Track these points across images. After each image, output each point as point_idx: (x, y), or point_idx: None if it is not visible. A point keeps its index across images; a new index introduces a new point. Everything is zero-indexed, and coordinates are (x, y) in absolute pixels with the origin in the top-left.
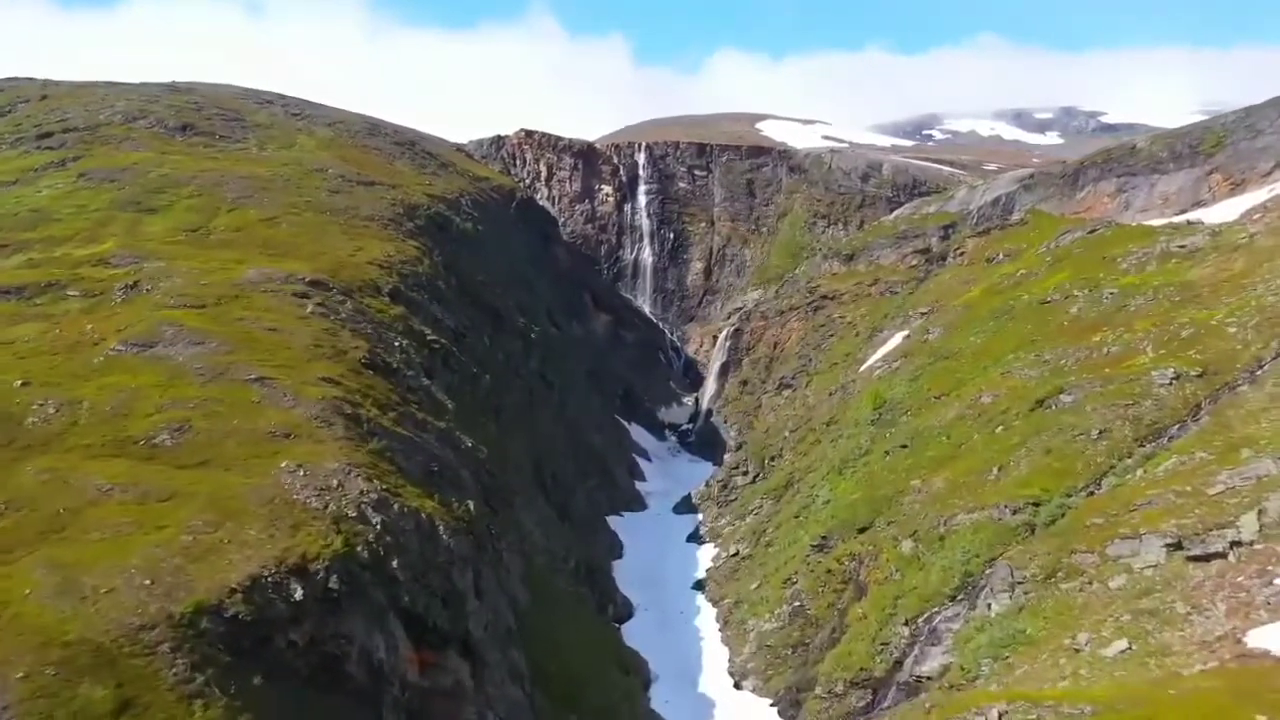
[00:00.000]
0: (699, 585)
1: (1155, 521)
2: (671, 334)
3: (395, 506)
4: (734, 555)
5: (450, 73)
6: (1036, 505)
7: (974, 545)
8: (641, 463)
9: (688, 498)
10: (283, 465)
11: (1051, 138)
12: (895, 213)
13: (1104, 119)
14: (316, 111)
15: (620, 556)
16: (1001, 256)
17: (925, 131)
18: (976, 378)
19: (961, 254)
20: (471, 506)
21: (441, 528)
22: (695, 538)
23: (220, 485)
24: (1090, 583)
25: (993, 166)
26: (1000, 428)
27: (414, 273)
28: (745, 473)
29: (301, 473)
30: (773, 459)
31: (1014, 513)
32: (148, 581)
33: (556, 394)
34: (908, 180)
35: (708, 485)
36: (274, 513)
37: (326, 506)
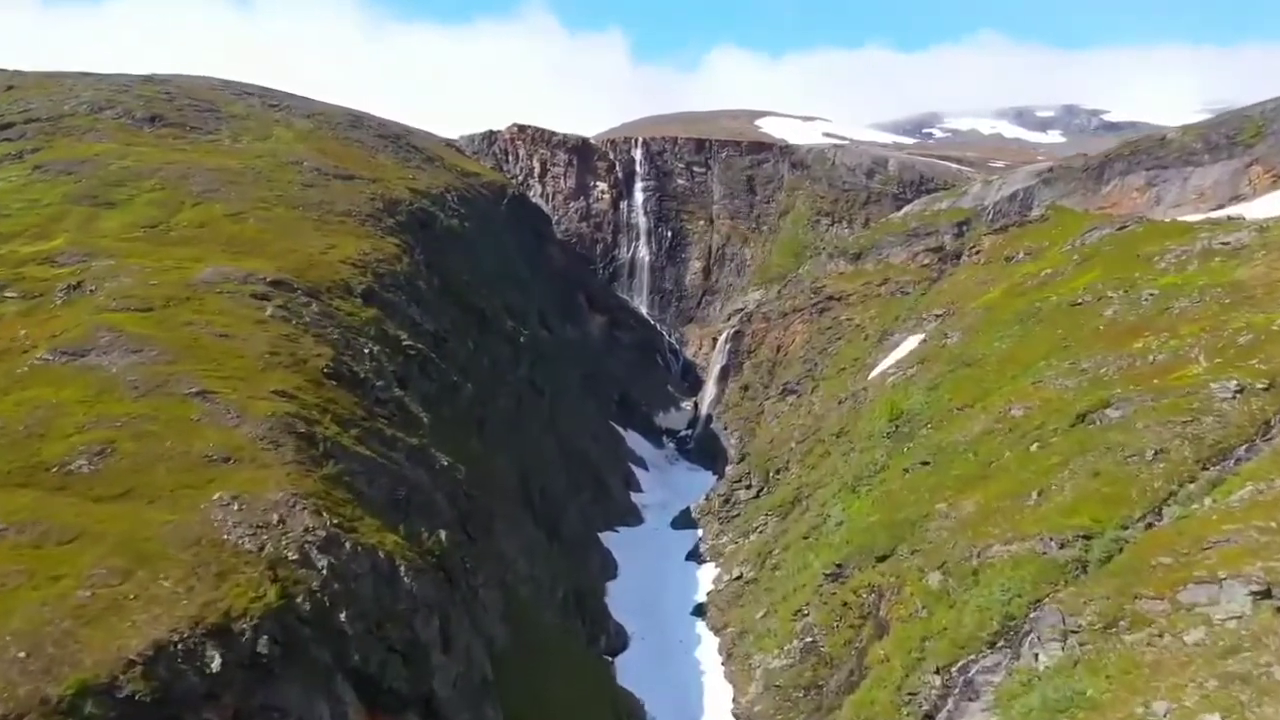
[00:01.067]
0: (699, 610)
1: (1236, 563)
2: (669, 336)
3: (347, 545)
4: (737, 578)
5: (446, 69)
6: (1087, 538)
7: (1014, 583)
8: (638, 472)
9: (686, 512)
10: (215, 497)
11: (1053, 136)
12: (904, 209)
13: (1106, 117)
14: (296, 103)
15: (615, 577)
16: (1022, 255)
17: (926, 130)
18: (1004, 387)
19: (978, 252)
20: (444, 537)
21: (404, 568)
22: (695, 556)
23: (137, 523)
24: (1161, 635)
25: (1001, 164)
26: (1036, 445)
27: (391, 272)
28: (748, 486)
29: (236, 506)
30: (778, 472)
31: (1061, 546)
32: (23, 654)
33: (547, 401)
34: (914, 177)
35: (708, 499)
36: (198, 558)
37: (262, 548)
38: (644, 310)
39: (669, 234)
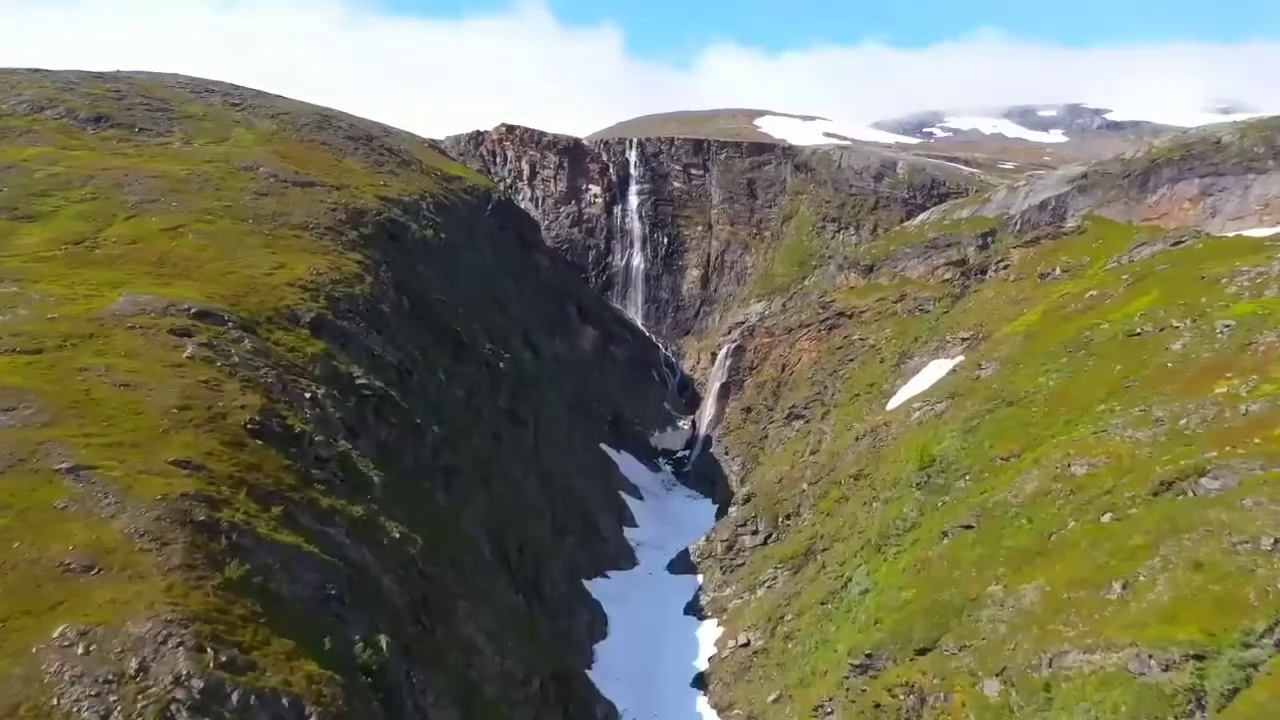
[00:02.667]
0: (700, 681)
1: None
2: (665, 349)
3: (235, 697)
4: (744, 645)
5: (432, 65)
6: (1199, 659)
7: (1102, 709)
8: (631, 503)
9: (685, 553)
10: (57, 634)
11: (1055, 135)
12: (921, 217)
13: (1109, 116)
14: (261, 102)
15: (605, 636)
16: (1059, 272)
17: (926, 129)
18: (1056, 434)
19: (1005, 266)
20: (385, 645)
21: (315, 716)
22: (695, 609)
23: None
24: None
25: (1010, 165)
26: (1109, 516)
27: (349, 295)
28: (754, 532)
29: (83, 648)
30: (788, 517)
31: (1165, 669)
32: None
33: (530, 434)
34: (925, 180)
35: (708, 539)
36: None
37: (108, 716)
38: (638, 321)
39: (665, 240)
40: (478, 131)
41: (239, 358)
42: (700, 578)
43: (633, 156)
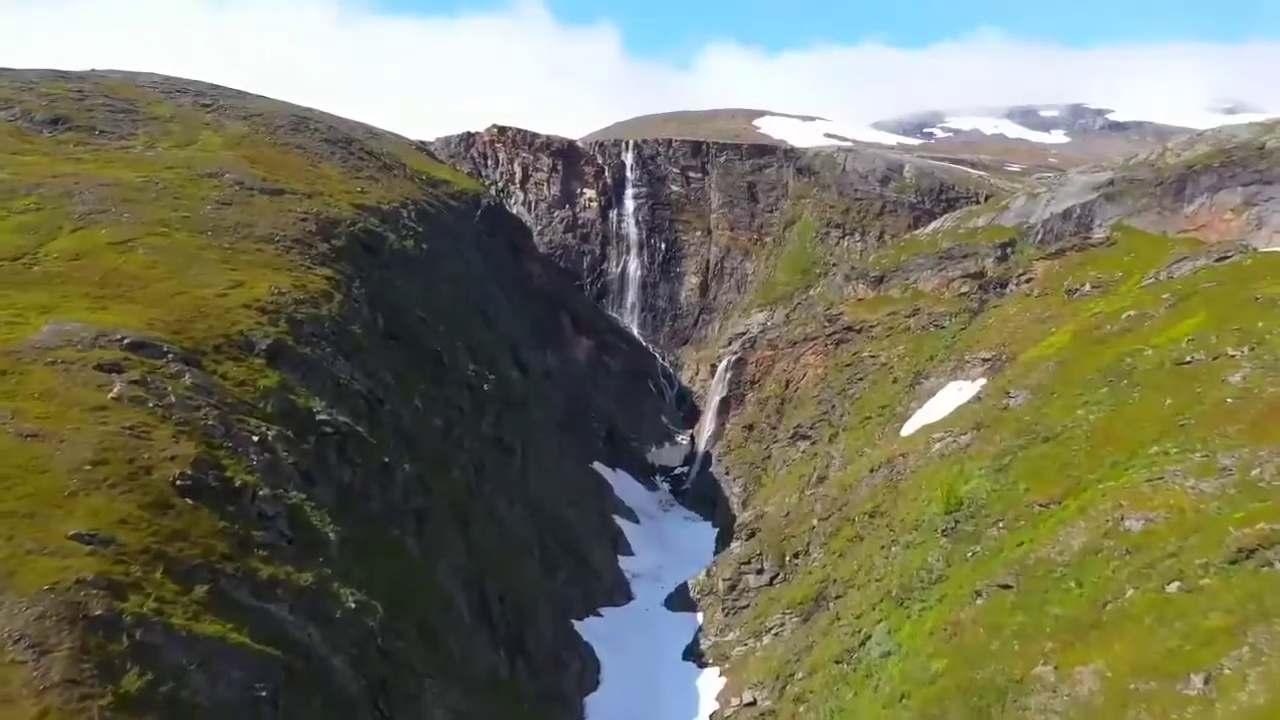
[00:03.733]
0: None
1: None
2: (663, 359)
3: None
4: (749, 704)
5: (427, 64)
6: None
7: None
8: (626, 528)
9: (684, 588)
10: None
11: (1057, 136)
12: (933, 225)
13: (1111, 117)
14: (235, 102)
15: (596, 687)
16: (1088, 288)
17: (927, 130)
18: (1103, 479)
19: (1028, 280)
20: None
21: None
22: (694, 653)
23: None
24: None
25: (1016, 167)
26: (1176, 585)
27: (314, 316)
28: (759, 570)
29: None
30: (796, 556)
31: None
32: None
33: (518, 461)
34: (933, 184)
35: (709, 574)
36: None
37: None
38: (635, 331)
39: (662, 246)
40: (468, 133)
41: (176, 397)
42: (700, 617)
43: (629, 159)
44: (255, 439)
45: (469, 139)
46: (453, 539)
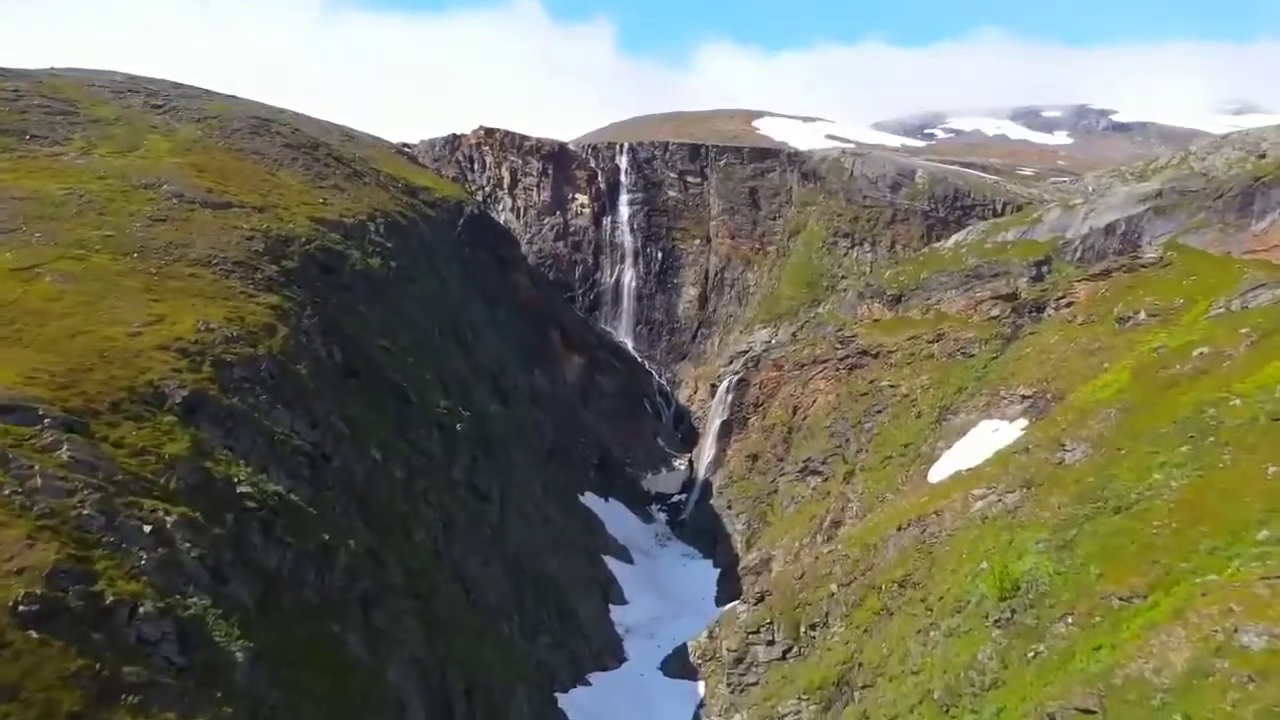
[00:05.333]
0: None
1: None
2: (659, 376)
3: None
4: None
5: (414, 63)
6: None
7: None
8: (619, 570)
9: (683, 651)
10: None
11: (1060, 137)
12: (956, 238)
13: (1115, 118)
14: (191, 103)
15: None
16: (1143, 316)
17: (928, 130)
18: (1200, 570)
19: (1068, 304)
20: None
21: None
22: None
23: None
24: None
25: (1028, 171)
26: None
27: (249, 356)
28: (770, 641)
29: None
30: (813, 627)
31: None
32: None
33: (495, 510)
34: (947, 191)
35: (711, 635)
36: None
37: None
38: (629, 346)
39: (659, 255)
40: (454, 135)
41: (43, 479)
42: (701, 687)
43: (623, 162)
44: (148, 529)
45: (454, 141)
46: (409, 625)
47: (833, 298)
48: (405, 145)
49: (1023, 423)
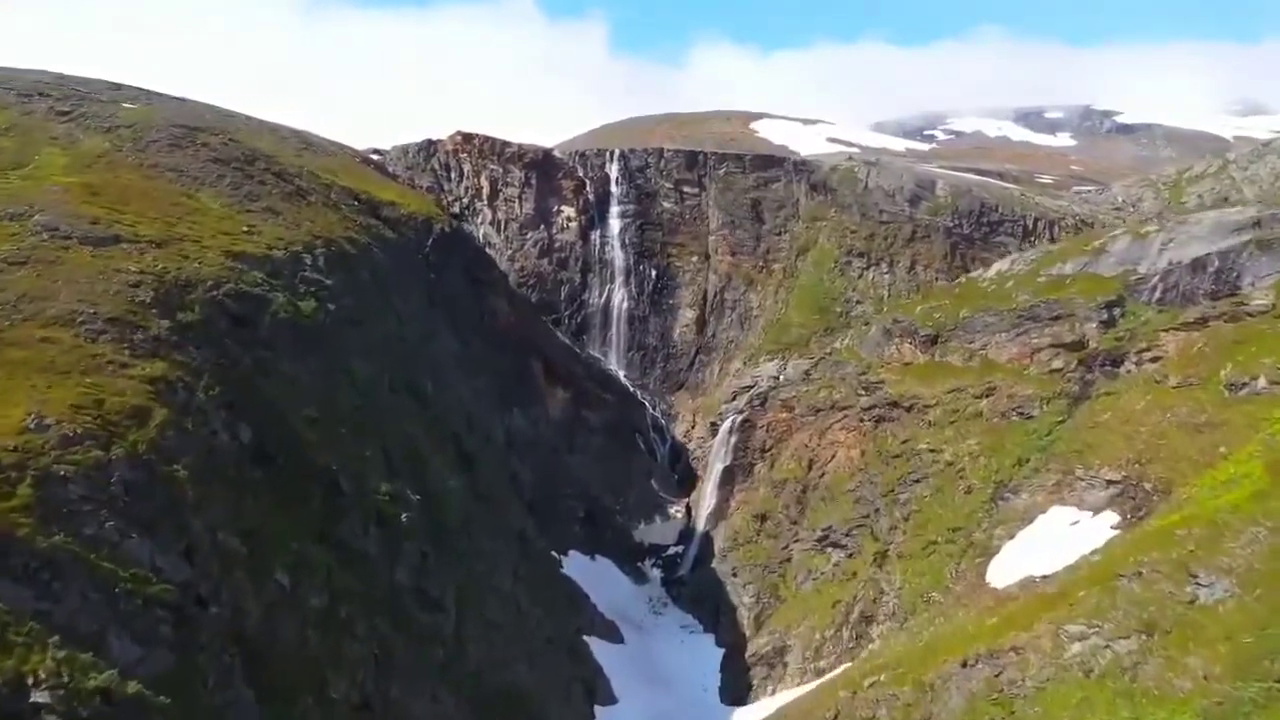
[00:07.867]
0: None
1: None
2: (653, 408)
3: None
4: None
5: (397, 61)
6: None
7: None
8: (606, 655)
9: None
10: None
11: (1064, 139)
12: (998, 267)
13: (1119, 119)
14: (106, 109)
15: None
16: (1262, 383)
17: (928, 131)
18: None
19: (1154, 359)
20: None
21: None
22: None
23: None
24: None
25: (1046, 179)
26: None
27: (95, 464)
28: None
29: None
30: None
31: None
32: None
33: (449, 621)
34: (972, 205)
35: None
36: None
37: None
38: (620, 374)
39: (653, 273)
40: (429, 141)
41: None
42: None
43: (614, 171)
44: None
45: (430, 148)
46: None
47: (851, 332)
48: (376, 151)
49: (1111, 518)
